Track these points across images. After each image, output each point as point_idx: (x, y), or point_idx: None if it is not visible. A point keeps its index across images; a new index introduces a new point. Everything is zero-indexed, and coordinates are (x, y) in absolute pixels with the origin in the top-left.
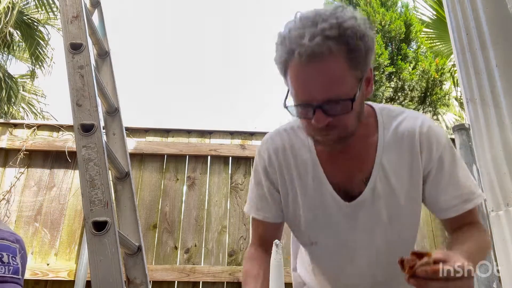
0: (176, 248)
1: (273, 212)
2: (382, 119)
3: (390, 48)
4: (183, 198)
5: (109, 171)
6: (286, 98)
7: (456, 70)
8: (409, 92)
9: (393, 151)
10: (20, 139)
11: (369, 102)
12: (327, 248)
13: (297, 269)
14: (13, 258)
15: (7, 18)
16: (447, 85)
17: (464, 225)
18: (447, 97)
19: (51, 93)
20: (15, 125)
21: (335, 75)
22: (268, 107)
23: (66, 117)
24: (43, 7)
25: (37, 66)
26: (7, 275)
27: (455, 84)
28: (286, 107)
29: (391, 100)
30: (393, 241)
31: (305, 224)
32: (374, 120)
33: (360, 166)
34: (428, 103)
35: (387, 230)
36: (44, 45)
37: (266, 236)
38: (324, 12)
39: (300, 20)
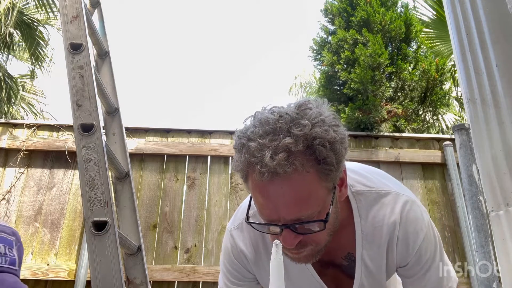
0: (176, 248)
1: None
2: (357, 207)
3: (390, 48)
4: (183, 198)
5: (109, 171)
6: (248, 209)
7: (456, 70)
8: (409, 92)
9: (372, 245)
10: (20, 139)
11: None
12: None
13: None
14: (10, 250)
15: (7, 18)
16: (447, 85)
17: None
18: (447, 97)
19: (51, 93)
20: (15, 125)
21: (303, 193)
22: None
23: (66, 117)
24: (43, 7)
25: (37, 66)
26: (5, 266)
27: (455, 84)
28: (249, 223)
29: (391, 100)
30: None
31: None
32: (348, 206)
33: (339, 247)
34: (428, 103)
35: None
36: (44, 45)
37: None
38: (287, 116)
39: (261, 125)
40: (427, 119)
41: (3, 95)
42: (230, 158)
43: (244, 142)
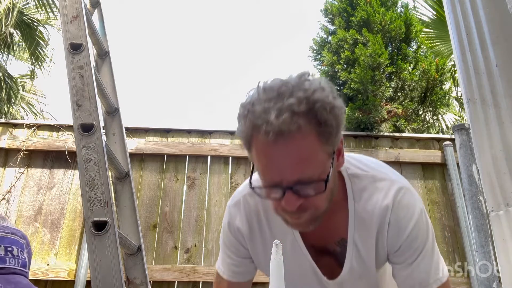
0: (176, 248)
1: (248, 274)
2: (352, 189)
3: (390, 48)
4: (183, 198)
5: (109, 171)
6: (251, 176)
7: (456, 70)
8: (409, 92)
9: (364, 228)
10: (20, 139)
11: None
12: None
13: None
14: (21, 252)
15: (8, 18)
16: (447, 85)
17: None
18: (447, 97)
19: (51, 93)
20: (15, 125)
21: (305, 153)
22: None
23: (66, 117)
24: (43, 7)
25: (37, 66)
26: (17, 268)
27: (455, 84)
28: (252, 188)
29: (391, 100)
30: None
31: None
32: (343, 189)
33: (333, 231)
34: (428, 103)
35: None
36: (44, 45)
37: None
38: (289, 83)
39: (264, 92)
40: (427, 119)
41: (3, 95)
42: (230, 158)
43: (249, 108)
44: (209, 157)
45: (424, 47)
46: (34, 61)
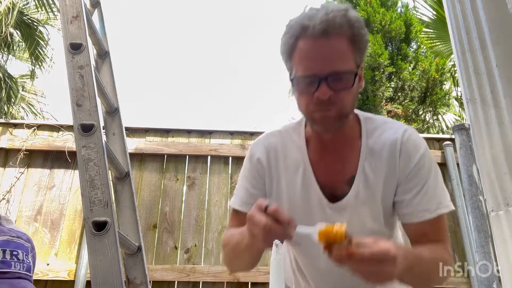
0: (176, 248)
1: None
2: (366, 128)
3: (390, 48)
4: (183, 198)
5: (109, 171)
6: (291, 73)
7: (456, 70)
8: (409, 92)
9: (374, 158)
10: (20, 139)
11: (355, 110)
12: (304, 244)
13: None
14: (26, 256)
15: (8, 19)
16: (447, 85)
17: (428, 241)
18: (447, 97)
19: (51, 93)
20: (15, 125)
21: (341, 53)
22: (268, 107)
23: (66, 117)
24: (43, 7)
25: (37, 66)
26: (22, 272)
27: (455, 84)
28: (292, 79)
29: (391, 100)
30: None
31: None
32: (358, 127)
33: (344, 168)
34: (428, 103)
35: (365, 231)
36: (44, 45)
37: None
38: (332, 5)
39: (310, 10)
40: (427, 119)
41: (3, 95)
42: (230, 158)
43: (296, 19)
44: (209, 157)
45: (424, 47)
46: (34, 61)
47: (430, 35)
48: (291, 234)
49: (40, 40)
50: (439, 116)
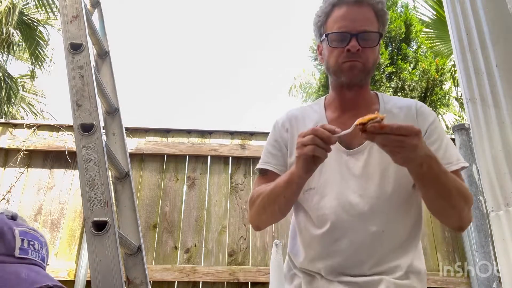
0: (176, 248)
1: (280, 163)
2: (383, 98)
3: (390, 48)
4: (183, 198)
5: (109, 171)
6: (322, 36)
7: (456, 70)
8: (409, 92)
9: (392, 115)
10: (20, 139)
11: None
12: (323, 194)
13: (291, 250)
14: (41, 248)
15: (8, 19)
16: (447, 85)
17: None
18: (447, 97)
19: (51, 93)
20: (15, 125)
21: (369, 18)
22: (268, 107)
23: (66, 117)
24: (43, 7)
25: (37, 66)
26: (38, 261)
27: (455, 84)
28: (327, 35)
29: None
30: (387, 191)
31: None
32: (376, 97)
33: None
34: (428, 103)
35: (382, 179)
36: (44, 45)
37: None
38: None
39: None
40: None
41: (3, 95)
42: (230, 158)
43: None
44: (209, 157)
45: (424, 47)
46: (34, 61)
47: (430, 35)
48: (334, 138)
49: (40, 40)
50: (439, 116)
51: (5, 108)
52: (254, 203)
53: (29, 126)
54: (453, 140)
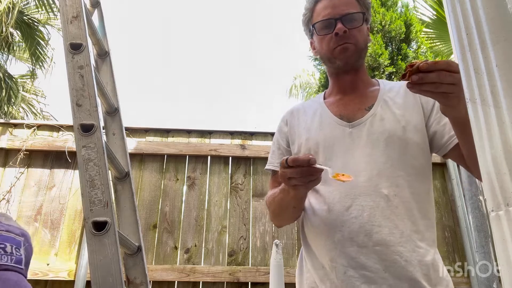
0: (176, 248)
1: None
2: (383, 82)
3: (390, 48)
4: (183, 198)
5: (109, 171)
6: (310, 29)
7: None
8: None
9: (393, 92)
10: (20, 139)
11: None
12: (329, 166)
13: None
14: (17, 249)
15: (8, 18)
16: None
17: None
18: None
19: (51, 93)
20: (15, 125)
21: (351, 2)
22: (268, 107)
23: (66, 117)
24: (43, 7)
25: (37, 66)
26: (9, 264)
27: None
28: (313, 25)
29: None
30: (393, 157)
31: (307, 149)
32: (376, 81)
33: (363, 101)
34: None
35: (387, 146)
36: (44, 45)
37: None
38: None
39: None
40: None
41: (3, 95)
42: (230, 158)
43: None
44: (209, 157)
45: (424, 47)
46: (34, 61)
47: (430, 35)
48: (314, 171)
49: (40, 40)
50: None
51: (5, 108)
52: (270, 207)
53: (29, 126)
54: None
